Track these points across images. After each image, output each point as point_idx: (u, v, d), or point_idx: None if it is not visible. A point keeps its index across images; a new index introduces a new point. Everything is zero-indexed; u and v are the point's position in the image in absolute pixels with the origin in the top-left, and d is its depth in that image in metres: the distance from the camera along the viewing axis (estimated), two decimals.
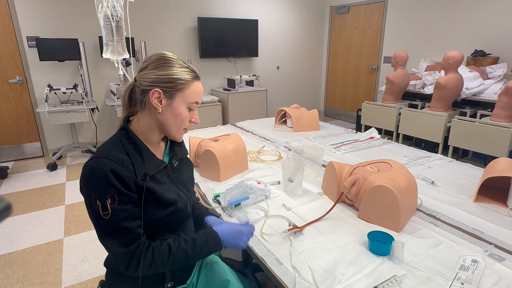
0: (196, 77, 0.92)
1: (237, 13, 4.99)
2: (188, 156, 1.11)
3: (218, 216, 1.20)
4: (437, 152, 2.39)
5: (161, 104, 0.89)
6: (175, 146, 1.03)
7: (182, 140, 1.07)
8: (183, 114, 0.91)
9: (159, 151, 0.98)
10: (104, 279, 1.02)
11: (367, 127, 3.24)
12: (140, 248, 0.84)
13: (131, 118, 0.96)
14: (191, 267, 1.06)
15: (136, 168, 0.86)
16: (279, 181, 1.49)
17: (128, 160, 0.85)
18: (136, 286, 0.93)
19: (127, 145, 0.88)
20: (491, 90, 3.32)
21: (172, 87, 0.88)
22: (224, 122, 4.82)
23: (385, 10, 4.87)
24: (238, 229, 0.97)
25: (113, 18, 1.86)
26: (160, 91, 0.88)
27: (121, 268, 0.84)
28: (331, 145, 2.02)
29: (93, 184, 0.81)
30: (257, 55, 5.16)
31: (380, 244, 0.97)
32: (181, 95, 0.90)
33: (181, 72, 0.89)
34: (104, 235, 0.82)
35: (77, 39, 3.69)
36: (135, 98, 0.94)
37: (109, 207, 0.80)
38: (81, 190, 0.85)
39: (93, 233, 2.37)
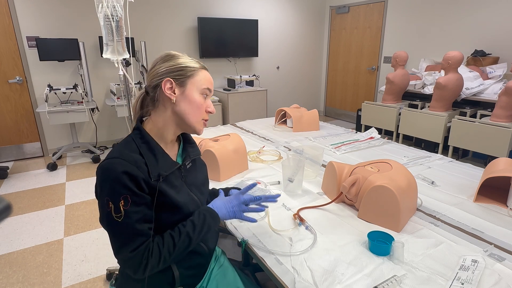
0: (203, 67, 0.95)
1: (237, 13, 4.99)
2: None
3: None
4: (437, 152, 2.39)
5: (175, 94, 0.90)
6: (188, 147, 1.02)
7: (194, 141, 1.07)
8: (198, 101, 0.92)
9: (173, 151, 0.97)
10: (105, 277, 1.02)
11: (367, 127, 3.24)
12: (148, 248, 0.82)
13: (144, 119, 0.96)
14: (202, 272, 1.05)
15: (150, 168, 0.85)
16: (279, 181, 1.49)
17: (142, 160, 0.84)
18: (147, 285, 0.92)
19: (140, 145, 0.88)
20: (491, 90, 3.32)
21: (182, 75, 0.90)
22: (224, 122, 4.82)
23: (385, 10, 4.87)
24: (232, 202, 0.98)
25: (113, 18, 1.86)
26: (172, 80, 0.89)
27: (129, 272, 0.82)
28: (331, 145, 2.02)
29: (106, 186, 0.79)
30: (257, 55, 5.16)
31: (380, 244, 0.97)
32: (192, 82, 0.91)
33: (189, 61, 0.92)
34: (115, 238, 0.80)
35: (77, 39, 3.69)
36: (146, 102, 0.95)
37: (122, 208, 0.79)
38: (96, 195, 0.84)
39: (93, 233, 2.37)
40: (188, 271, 0.98)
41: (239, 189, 1.09)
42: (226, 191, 1.12)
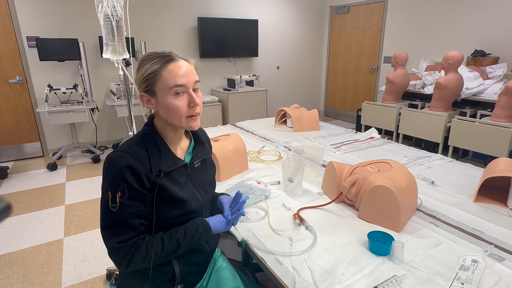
0: (166, 61, 0.87)
1: (237, 13, 4.99)
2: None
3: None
4: (437, 152, 2.39)
5: (152, 104, 0.90)
6: (197, 146, 1.03)
7: (205, 141, 1.07)
8: (173, 104, 0.86)
9: (181, 149, 0.98)
10: (105, 277, 1.02)
11: (367, 127, 3.24)
12: (136, 244, 0.84)
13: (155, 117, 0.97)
14: (203, 271, 1.06)
15: (152, 163, 0.87)
16: (279, 181, 1.49)
17: (146, 155, 0.87)
18: (147, 283, 0.93)
19: (148, 141, 0.90)
20: (491, 90, 3.32)
21: (148, 84, 0.88)
22: (224, 122, 4.82)
23: (385, 10, 4.87)
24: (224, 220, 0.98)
25: (113, 18, 1.85)
26: (143, 93, 0.90)
27: (114, 262, 0.85)
28: (331, 145, 2.02)
29: (109, 176, 0.84)
30: (257, 55, 5.16)
31: (380, 244, 0.97)
32: (159, 87, 0.87)
33: (150, 66, 0.87)
34: (106, 227, 0.84)
35: (77, 39, 3.69)
36: None
37: (118, 200, 0.82)
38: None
39: (93, 233, 2.37)
40: (188, 268, 0.98)
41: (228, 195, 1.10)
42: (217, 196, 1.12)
